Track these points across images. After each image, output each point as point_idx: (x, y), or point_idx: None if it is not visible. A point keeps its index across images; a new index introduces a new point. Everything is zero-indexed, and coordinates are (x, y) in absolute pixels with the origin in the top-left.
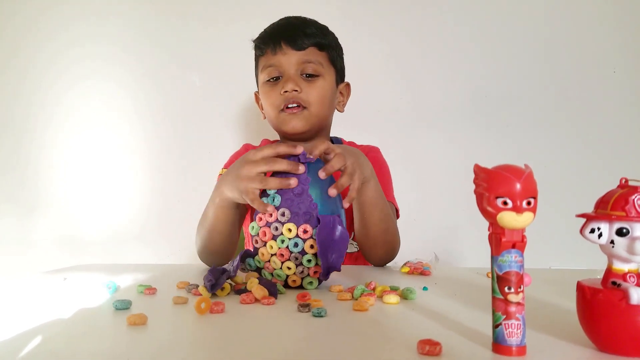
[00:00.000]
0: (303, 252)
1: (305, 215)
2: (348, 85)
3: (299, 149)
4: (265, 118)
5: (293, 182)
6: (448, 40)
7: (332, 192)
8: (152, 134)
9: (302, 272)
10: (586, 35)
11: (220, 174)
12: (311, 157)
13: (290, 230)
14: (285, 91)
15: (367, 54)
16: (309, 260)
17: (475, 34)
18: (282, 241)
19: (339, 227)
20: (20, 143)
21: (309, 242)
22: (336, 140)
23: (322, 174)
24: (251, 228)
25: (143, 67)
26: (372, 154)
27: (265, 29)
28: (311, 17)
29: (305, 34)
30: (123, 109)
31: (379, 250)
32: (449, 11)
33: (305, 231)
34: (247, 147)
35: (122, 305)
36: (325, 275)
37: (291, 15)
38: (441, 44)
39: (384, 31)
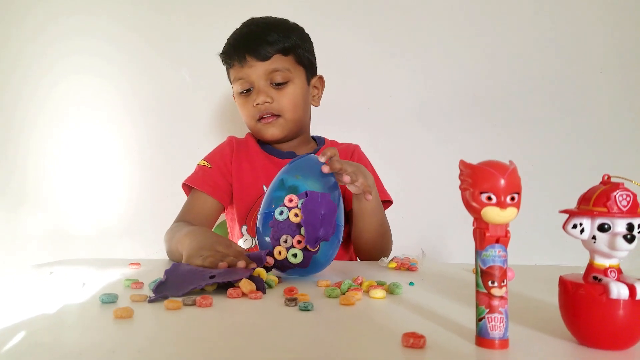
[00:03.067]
0: (288, 222)
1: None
2: (321, 78)
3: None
4: None
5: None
6: (437, 39)
7: (326, 168)
8: (141, 129)
9: (286, 241)
10: (573, 36)
11: (199, 165)
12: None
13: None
14: (258, 103)
15: (357, 52)
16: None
17: (465, 33)
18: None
19: (326, 202)
20: (7, 137)
21: (294, 210)
22: (318, 139)
23: (325, 169)
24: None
25: (132, 63)
26: (357, 152)
27: (228, 40)
28: (278, 17)
29: (267, 43)
30: (112, 103)
31: (374, 252)
32: (440, 10)
33: (290, 200)
34: (230, 140)
35: (109, 299)
36: (313, 243)
37: (273, 15)
38: (430, 44)
39: (375, 29)
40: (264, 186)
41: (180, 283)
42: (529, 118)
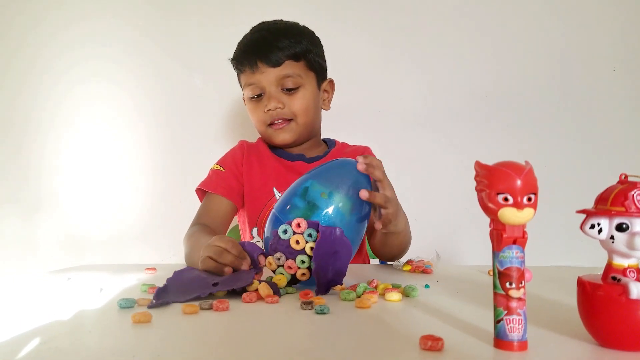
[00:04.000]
0: (287, 243)
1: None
2: (331, 82)
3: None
4: None
5: (245, 264)
6: (447, 40)
7: (378, 225)
8: (154, 134)
9: (279, 259)
10: (586, 34)
11: (212, 169)
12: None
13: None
14: (269, 109)
15: (367, 55)
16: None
17: (474, 33)
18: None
19: (341, 241)
20: (22, 144)
21: (297, 237)
22: (329, 142)
23: (361, 167)
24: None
25: (145, 69)
26: (368, 153)
27: (239, 45)
28: (289, 21)
29: (279, 49)
30: (124, 109)
31: (393, 259)
32: (448, 11)
33: (298, 225)
34: (242, 144)
35: (127, 304)
36: (324, 290)
37: (283, 19)
38: (440, 44)
39: (383, 32)
40: (274, 189)
41: (183, 290)
42: (543, 117)
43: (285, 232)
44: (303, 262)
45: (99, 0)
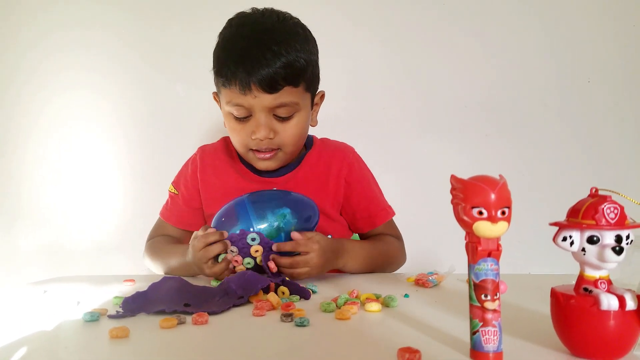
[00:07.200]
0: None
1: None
2: (322, 96)
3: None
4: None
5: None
6: (429, 52)
7: (273, 266)
8: (135, 144)
9: (232, 252)
10: (562, 46)
11: (169, 190)
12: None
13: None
14: (257, 137)
15: (357, 63)
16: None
17: (455, 46)
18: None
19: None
20: (2, 153)
21: (258, 247)
22: (307, 140)
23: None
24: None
25: (126, 77)
26: (356, 169)
27: (225, 52)
28: (280, 13)
29: (276, 69)
30: (106, 119)
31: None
32: (432, 24)
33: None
34: (194, 158)
35: (91, 318)
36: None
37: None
38: (423, 56)
39: (378, 38)
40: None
41: (153, 301)
42: (520, 128)
43: (253, 239)
44: (249, 263)
45: (81, 9)
